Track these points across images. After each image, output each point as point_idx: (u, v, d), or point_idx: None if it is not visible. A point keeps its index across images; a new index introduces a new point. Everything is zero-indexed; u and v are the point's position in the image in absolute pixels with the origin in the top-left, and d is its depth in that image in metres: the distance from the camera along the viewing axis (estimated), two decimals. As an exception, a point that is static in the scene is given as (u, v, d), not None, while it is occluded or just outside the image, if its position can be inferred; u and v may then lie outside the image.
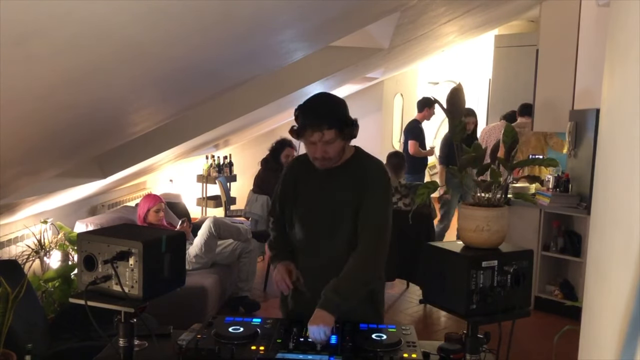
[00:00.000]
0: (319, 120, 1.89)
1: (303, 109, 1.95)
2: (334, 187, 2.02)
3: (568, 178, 4.61)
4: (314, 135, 1.90)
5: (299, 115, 1.95)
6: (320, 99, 2.00)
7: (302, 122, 1.92)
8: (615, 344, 0.89)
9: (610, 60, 1.00)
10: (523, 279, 1.69)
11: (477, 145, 1.82)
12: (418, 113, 6.47)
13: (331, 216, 2.01)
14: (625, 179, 0.90)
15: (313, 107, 1.94)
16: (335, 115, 1.91)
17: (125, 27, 1.28)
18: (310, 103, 1.96)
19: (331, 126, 1.88)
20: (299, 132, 1.95)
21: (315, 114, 1.91)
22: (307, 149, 1.98)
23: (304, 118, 1.92)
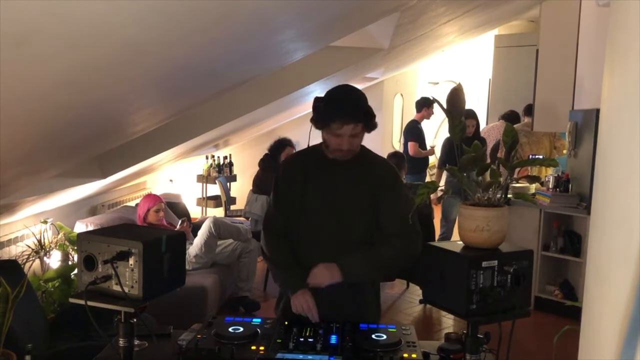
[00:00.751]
0: (352, 113, 1.89)
1: (333, 101, 1.92)
2: (349, 180, 2.02)
3: (568, 178, 4.61)
4: (343, 128, 1.90)
5: (327, 106, 1.92)
6: (351, 92, 1.98)
7: (332, 114, 1.90)
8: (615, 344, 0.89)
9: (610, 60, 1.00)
10: (523, 279, 1.69)
11: (477, 145, 1.82)
12: (417, 113, 6.47)
13: (345, 210, 2.02)
14: (625, 179, 0.90)
15: (345, 100, 1.93)
16: (365, 109, 1.93)
17: (125, 27, 1.28)
18: (340, 95, 1.95)
19: (360, 120, 1.91)
20: (324, 123, 1.93)
21: (348, 106, 1.91)
22: (331, 141, 1.95)
23: (334, 110, 1.90)
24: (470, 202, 1.78)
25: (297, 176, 2.06)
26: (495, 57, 7.43)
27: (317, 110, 1.95)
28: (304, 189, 2.04)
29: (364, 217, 2.03)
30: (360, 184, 2.02)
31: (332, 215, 2.02)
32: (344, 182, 2.02)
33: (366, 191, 2.02)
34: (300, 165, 2.09)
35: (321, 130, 1.97)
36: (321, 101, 1.94)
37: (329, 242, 2.02)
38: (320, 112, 1.94)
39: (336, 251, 2.00)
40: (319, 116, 1.94)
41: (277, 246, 2.08)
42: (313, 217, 2.03)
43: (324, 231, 2.02)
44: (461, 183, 1.80)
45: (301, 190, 2.04)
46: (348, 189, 2.02)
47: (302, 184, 2.04)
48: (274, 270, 2.09)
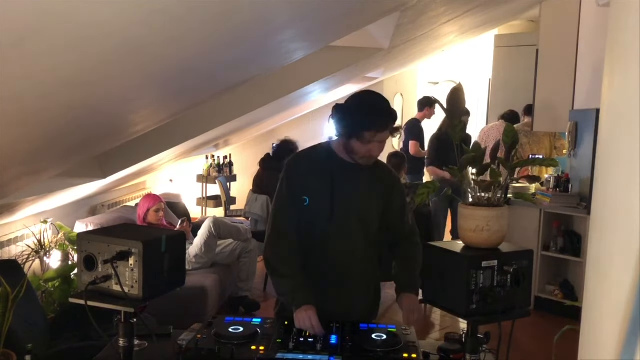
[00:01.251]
0: (387, 121, 1.90)
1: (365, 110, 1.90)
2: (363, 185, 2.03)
3: (568, 178, 4.61)
4: (377, 136, 1.89)
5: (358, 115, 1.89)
6: (380, 99, 1.97)
7: (367, 123, 1.87)
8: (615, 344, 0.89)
9: (610, 60, 1.00)
10: (523, 279, 1.69)
11: (477, 145, 1.82)
12: (418, 112, 6.47)
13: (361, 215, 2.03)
14: (625, 179, 0.90)
15: (380, 108, 1.92)
16: (395, 113, 1.95)
17: (125, 27, 1.29)
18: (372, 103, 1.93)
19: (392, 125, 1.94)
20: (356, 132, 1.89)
21: (383, 114, 1.91)
22: (359, 148, 1.92)
23: (370, 119, 1.88)
24: (470, 202, 1.78)
25: (325, 176, 2.01)
26: (495, 57, 7.42)
27: (345, 117, 1.91)
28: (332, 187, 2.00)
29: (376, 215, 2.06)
30: (374, 187, 2.05)
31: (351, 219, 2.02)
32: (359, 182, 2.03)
33: (379, 193, 2.05)
34: (323, 165, 2.03)
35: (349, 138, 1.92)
36: (347, 110, 1.91)
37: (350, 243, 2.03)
38: (349, 120, 1.90)
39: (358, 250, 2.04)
40: (348, 123, 1.90)
41: (286, 256, 2.00)
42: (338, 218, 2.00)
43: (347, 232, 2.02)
44: (461, 183, 1.80)
45: (330, 192, 1.99)
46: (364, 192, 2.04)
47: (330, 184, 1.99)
48: (279, 281, 2.01)
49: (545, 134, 5.71)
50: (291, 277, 1.97)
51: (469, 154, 1.81)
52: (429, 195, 1.83)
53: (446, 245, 1.79)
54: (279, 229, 2.02)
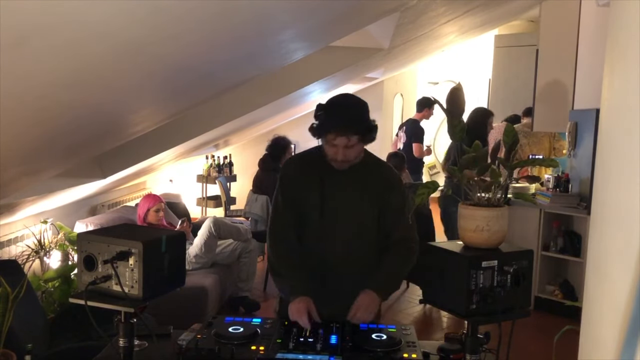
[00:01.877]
0: (345, 126, 1.87)
1: (330, 111, 1.90)
2: (355, 186, 2.02)
3: (568, 178, 4.61)
4: (337, 139, 1.88)
5: (323, 115, 1.90)
6: (347, 103, 1.95)
7: (328, 125, 1.89)
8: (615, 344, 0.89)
9: (610, 60, 1.00)
10: (523, 279, 1.69)
11: (477, 145, 1.82)
12: (417, 112, 6.46)
13: (352, 214, 2.02)
14: (625, 179, 0.90)
15: (341, 111, 1.90)
16: (362, 121, 1.90)
17: (125, 27, 1.29)
18: (336, 105, 1.92)
19: (356, 132, 1.88)
20: (320, 133, 1.91)
21: (343, 119, 1.88)
22: (327, 149, 1.95)
23: (330, 120, 1.88)
24: (470, 202, 1.78)
25: (311, 177, 2.03)
26: (495, 57, 7.43)
27: (317, 117, 1.93)
28: (321, 189, 2.01)
29: (371, 218, 2.04)
30: (367, 187, 2.03)
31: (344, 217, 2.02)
32: (352, 184, 2.03)
33: (373, 194, 2.03)
34: (312, 166, 2.06)
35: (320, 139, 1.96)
36: (317, 110, 1.92)
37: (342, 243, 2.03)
38: (319, 121, 1.92)
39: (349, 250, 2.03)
40: (318, 124, 1.92)
41: (285, 256, 2.03)
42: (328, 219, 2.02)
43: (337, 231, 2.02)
44: (461, 183, 1.80)
45: (319, 191, 2.01)
46: (356, 193, 2.03)
47: (319, 184, 2.01)
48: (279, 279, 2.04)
49: (545, 135, 5.72)
50: (291, 273, 2.00)
51: (469, 154, 1.81)
52: (429, 195, 1.82)
53: (446, 245, 1.79)
54: (275, 233, 2.08)
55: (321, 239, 2.03)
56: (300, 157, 2.16)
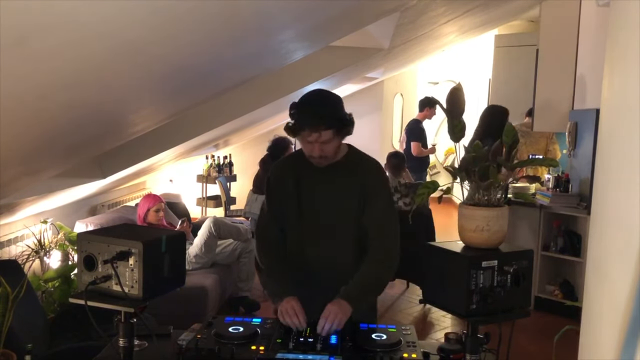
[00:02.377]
0: (316, 121, 1.86)
1: (300, 108, 1.90)
2: (337, 185, 2.02)
3: (568, 178, 4.61)
4: (311, 135, 1.88)
5: (295, 113, 1.91)
6: (317, 98, 1.95)
7: (299, 122, 1.89)
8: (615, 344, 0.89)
9: (610, 60, 1.00)
10: (523, 279, 1.69)
11: (477, 145, 1.82)
12: (419, 112, 6.48)
13: (335, 214, 2.02)
14: (625, 179, 0.90)
15: (310, 107, 1.90)
16: (333, 115, 1.89)
17: (126, 27, 1.29)
18: (307, 102, 1.92)
19: (329, 126, 1.87)
20: (295, 131, 1.92)
21: (312, 114, 1.88)
22: (304, 147, 1.96)
23: (300, 117, 1.89)
24: (470, 202, 1.78)
25: (289, 180, 2.05)
26: (495, 57, 7.42)
27: (291, 117, 1.93)
28: (298, 192, 2.03)
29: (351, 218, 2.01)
30: (349, 189, 2.01)
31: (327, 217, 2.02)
32: (336, 188, 2.02)
33: (354, 196, 2.00)
34: (291, 169, 2.08)
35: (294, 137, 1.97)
36: (294, 108, 1.92)
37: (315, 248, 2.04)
38: (292, 119, 1.92)
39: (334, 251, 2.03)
40: (292, 122, 1.92)
41: (269, 254, 2.09)
42: (309, 220, 2.04)
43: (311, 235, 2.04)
44: (461, 183, 1.80)
45: (296, 194, 2.03)
46: (337, 193, 2.02)
47: (295, 187, 2.04)
48: (264, 278, 2.10)
49: (542, 135, 5.71)
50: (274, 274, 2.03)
51: (469, 154, 1.81)
52: (429, 195, 1.82)
53: (446, 245, 1.79)
54: (260, 231, 2.15)
55: (304, 239, 2.05)
56: (284, 160, 2.21)
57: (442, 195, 1.92)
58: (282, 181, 2.08)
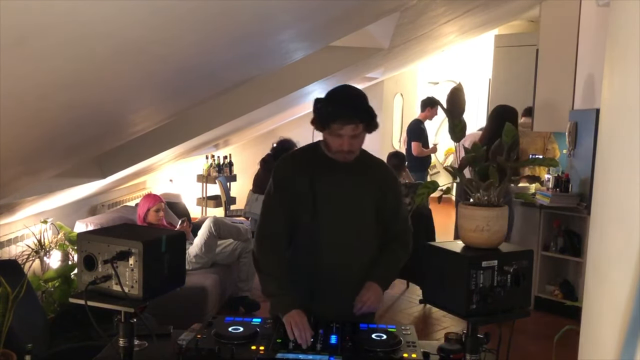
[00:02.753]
0: (353, 113, 1.87)
1: (334, 101, 1.90)
2: (355, 184, 2.02)
3: (568, 178, 4.61)
4: (344, 128, 1.88)
5: (327, 106, 1.90)
6: (352, 92, 1.96)
7: (334, 114, 1.88)
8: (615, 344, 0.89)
9: (610, 60, 1.00)
10: (523, 279, 1.69)
11: (477, 145, 1.82)
12: (420, 112, 6.48)
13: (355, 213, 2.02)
14: (625, 179, 0.90)
15: (346, 100, 1.91)
16: (367, 109, 1.91)
17: (126, 27, 1.29)
18: (341, 95, 1.93)
19: (362, 119, 1.89)
20: (324, 124, 1.90)
21: (350, 106, 1.89)
22: (332, 141, 1.93)
23: (336, 110, 1.88)
24: (470, 202, 1.78)
25: (303, 178, 2.01)
26: (495, 57, 7.42)
27: (318, 111, 1.92)
28: (313, 191, 1.99)
29: (370, 216, 2.04)
30: (364, 184, 2.03)
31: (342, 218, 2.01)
32: (350, 182, 2.02)
33: (370, 191, 2.03)
34: (304, 166, 2.04)
35: (322, 132, 1.95)
36: (322, 102, 1.92)
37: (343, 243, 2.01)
38: (321, 113, 1.91)
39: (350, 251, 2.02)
40: (320, 117, 1.92)
41: (274, 259, 2.00)
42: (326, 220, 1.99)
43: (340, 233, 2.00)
44: (461, 183, 1.80)
45: (311, 193, 1.99)
46: (353, 189, 2.02)
47: (310, 186, 1.99)
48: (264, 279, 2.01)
49: (539, 135, 5.71)
50: (276, 278, 1.96)
51: (469, 154, 1.81)
52: (429, 195, 1.82)
53: (446, 245, 1.79)
54: (264, 230, 2.05)
55: (320, 240, 2.00)
56: (295, 155, 2.15)
57: (442, 195, 1.92)
58: (293, 179, 2.03)
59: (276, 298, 1.95)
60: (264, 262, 2.01)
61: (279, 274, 1.97)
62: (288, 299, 1.91)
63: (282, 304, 1.90)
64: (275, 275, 1.97)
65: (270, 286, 1.98)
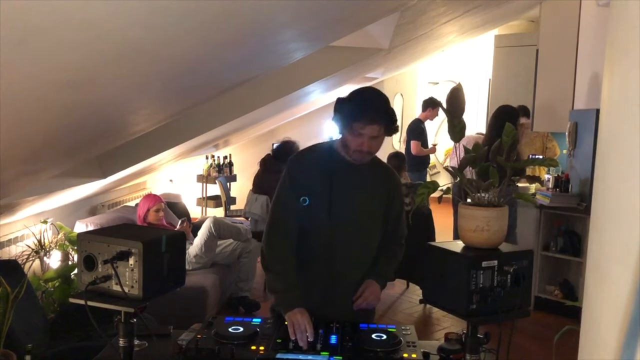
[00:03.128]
0: (377, 114, 1.89)
1: (359, 101, 1.92)
2: (368, 187, 2.03)
3: (568, 178, 4.61)
4: (366, 128, 1.88)
5: (351, 105, 1.91)
6: (377, 94, 1.97)
7: (358, 113, 1.88)
8: (615, 344, 0.89)
9: (610, 60, 1.00)
10: (523, 279, 1.69)
11: (478, 145, 1.82)
12: (421, 112, 6.49)
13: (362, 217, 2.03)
14: (625, 179, 0.90)
15: (371, 101, 1.93)
16: (390, 112, 1.92)
17: (126, 27, 1.29)
18: (366, 96, 1.95)
19: (383, 121, 1.90)
20: (347, 122, 1.91)
21: (374, 107, 1.90)
22: (352, 141, 1.92)
23: (360, 109, 1.89)
24: (470, 202, 1.78)
25: (319, 176, 1.99)
26: (495, 57, 7.43)
27: (340, 109, 1.93)
28: (330, 190, 1.98)
29: (379, 218, 2.06)
30: (375, 188, 2.05)
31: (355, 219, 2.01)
32: (363, 184, 2.03)
33: (381, 195, 2.06)
34: (320, 164, 2.02)
35: (343, 130, 1.95)
36: (345, 101, 1.93)
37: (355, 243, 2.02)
38: (343, 111, 1.92)
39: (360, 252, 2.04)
40: (342, 115, 1.92)
41: (281, 253, 1.99)
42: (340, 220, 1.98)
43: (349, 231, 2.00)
44: (461, 183, 1.80)
45: (328, 192, 1.98)
46: (366, 191, 2.04)
47: (327, 185, 1.98)
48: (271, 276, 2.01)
49: (538, 135, 5.71)
50: (283, 275, 1.96)
51: (469, 154, 1.81)
52: (429, 195, 1.82)
53: (446, 245, 1.79)
54: (277, 224, 2.02)
55: (327, 239, 2.00)
56: (311, 153, 2.09)
57: (442, 195, 1.92)
58: (309, 176, 2.01)
59: (280, 294, 1.95)
60: (271, 259, 2.01)
61: (286, 272, 1.97)
62: (292, 296, 1.91)
63: (286, 301, 1.90)
64: (282, 272, 1.97)
65: (276, 283, 1.98)
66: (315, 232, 2.00)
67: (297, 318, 1.82)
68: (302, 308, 1.86)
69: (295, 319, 1.82)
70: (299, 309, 1.85)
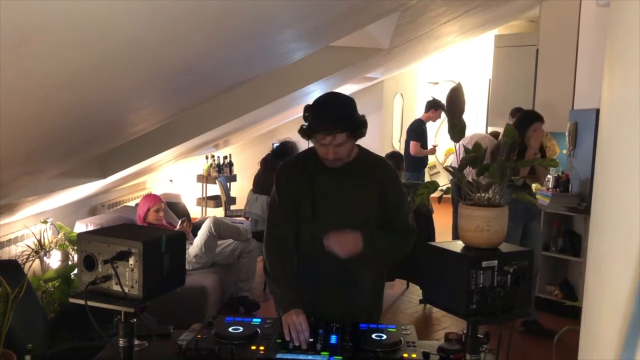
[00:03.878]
0: (331, 124, 1.87)
1: (314, 112, 1.91)
2: (352, 186, 2.02)
3: (568, 178, 4.61)
4: (325, 139, 1.88)
5: (309, 116, 1.91)
6: (331, 102, 1.96)
7: (314, 125, 1.89)
8: (615, 344, 0.89)
9: (610, 60, 1.00)
10: (523, 279, 1.69)
11: (478, 145, 1.82)
12: (424, 113, 6.48)
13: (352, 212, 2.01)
14: (625, 179, 0.90)
15: (324, 110, 1.91)
16: (347, 119, 1.89)
17: (126, 27, 1.29)
18: (321, 105, 1.93)
19: (343, 129, 1.87)
20: (309, 134, 1.92)
21: (327, 117, 1.88)
22: (318, 150, 1.95)
23: (315, 121, 1.89)
24: (470, 202, 1.78)
25: (304, 179, 2.03)
26: (495, 57, 7.43)
27: (305, 119, 1.94)
28: (313, 192, 2.01)
29: (371, 214, 2.03)
30: (363, 184, 2.03)
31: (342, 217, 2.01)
32: (349, 182, 2.02)
33: (371, 189, 2.03)
34: (304, 168, 2.06)
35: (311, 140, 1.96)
36: (308, 110, 1.93)
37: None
38: (307, 122, 1.93)
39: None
40: (304, 127, 1.93)
41: (279, 261, 2.03)
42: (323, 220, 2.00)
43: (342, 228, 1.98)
44: (461, 183, 1.80)
45: (311, 194, 2.01)
46: (353, 188, 2.03)
47: (310, 187, 2.01)
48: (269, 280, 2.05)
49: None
50: (278, 279, 2.00)
51: (469, 154, 1.81)
52: (429, 195, 1.82)
53: (446, 245, 1.79)
54: (270, 232, 2.08)
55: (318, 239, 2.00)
56: (294, 160, 2.16)
57: (442, 195, 1.92)
58: (295, 180, 2.05)
59: (278, 296, 1.98)
60: (270, 264, 2.04)
61: (283, 275, 2.00)
62: (289, 298, 1.92)
63: (283, 303, 1.93)
64: (280, 276, 2.00)
65: (275, 287, 2.02)
66: (305, 232, 2.04)
67: (293, 319, 1.84)
68: (298, 309, 1.87)
69: (290, 320, 1.84)
70: (295, 310, 1.87)
